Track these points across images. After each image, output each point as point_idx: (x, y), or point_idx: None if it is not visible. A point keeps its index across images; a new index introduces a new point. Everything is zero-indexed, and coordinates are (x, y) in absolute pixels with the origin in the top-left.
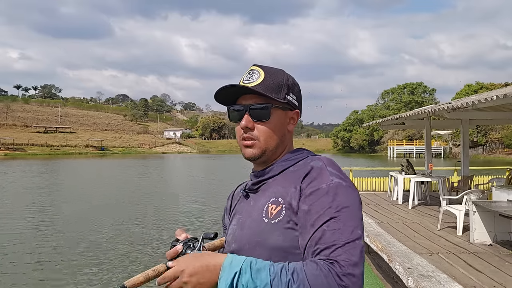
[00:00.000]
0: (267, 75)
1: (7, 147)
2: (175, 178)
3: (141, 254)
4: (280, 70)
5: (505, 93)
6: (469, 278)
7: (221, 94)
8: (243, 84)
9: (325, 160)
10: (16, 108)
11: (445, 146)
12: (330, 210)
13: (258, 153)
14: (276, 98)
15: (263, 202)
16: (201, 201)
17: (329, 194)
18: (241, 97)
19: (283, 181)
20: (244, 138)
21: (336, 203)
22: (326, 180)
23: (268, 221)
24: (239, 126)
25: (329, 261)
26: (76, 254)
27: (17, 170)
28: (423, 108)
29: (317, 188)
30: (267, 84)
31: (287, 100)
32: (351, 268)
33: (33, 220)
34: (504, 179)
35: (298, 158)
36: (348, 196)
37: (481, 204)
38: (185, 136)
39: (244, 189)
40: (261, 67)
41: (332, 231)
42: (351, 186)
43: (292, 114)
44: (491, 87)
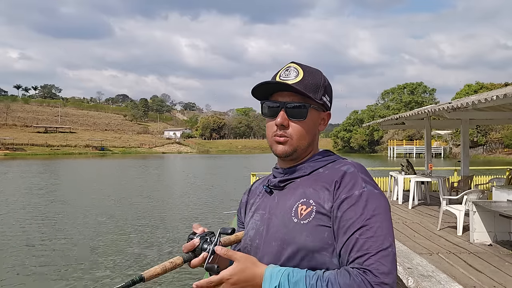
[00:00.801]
0: (306, 74)
1: (7, 147)
2: (175, 178)
3: (145, 254)
4: (317, 71)
5: (505, 93)
6: (469, 278)
7: (258, 90)
8: (281, 80)
9: (357, 166)
10: (16, 108)
11: (445, 146)
12: (362, 217)
13: (289, 151)
14: (314, 97)
15: (292, 202)
16: (201, 201)
17: (361, 201)
18: (277, 93)
19: (314, 183)
20: (277, 134)
21: (368, 211)
22: (359, 187)
23: (297, 221)
24: (273, 122)
25: (362, 270)
26: (77, 255)
27: (20, 170)
28: (423, 108)
29: (350, 195)
30: (306, 83)
31: (322, 101)
32: (384, 277)
33: (32, 221)
34: (504, 179)
35: (328, 160)
36: (380, 203)
37: (481, 204)
38: (185, 136)
39: (267, 185)
40: (300, 65)
41: (365, 239)
42: (382, 193)
43: (325, 115)
44: (491, 87)
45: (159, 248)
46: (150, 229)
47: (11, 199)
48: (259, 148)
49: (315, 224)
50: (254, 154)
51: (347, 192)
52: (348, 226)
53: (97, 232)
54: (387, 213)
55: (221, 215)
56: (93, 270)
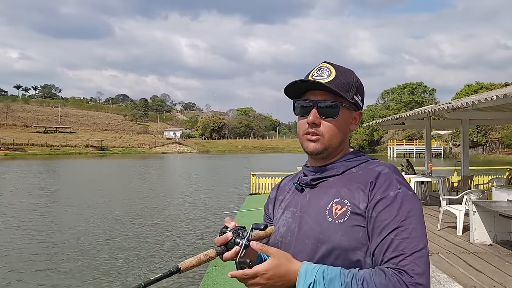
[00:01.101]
0: (338, 74)
1: (7, 147)
2: (175, 178)
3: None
4: (350, 70)
5: (505, 93)
6: (469, 278)
7: (290, 88)
8: (313, 79)
9: (391, 167)
10: (16, 108)
11: (445, 146)
12: (397, 218)
13: (320, 149)
14: (346, 96)
15: (326, 201)
16: (202, 201)
17: (396, 202)
18: (310, 92)
19: (348, 183)
20: (309, 132)
21: (403, 212)
22: (394, 188)
23: (332, 221)
24: (304, 120)
25: (397, 270)
26: (78, 256)
27: (19, 170)
28: (423, 108)
29: (385, 196)
30: (338, 82)
31: (354, 101)
32: (419, 278)
33: (33, 223)
34: (504, 179)
35: (360, 160)
36: (414, 205)
37: (481, 204)
38: (185, 136)
39: (298, 183)
40: (332, 65)
41: (400, 240)
42: (416, 196)
43: (356, 114)
44: (491, 87)
45: (159, 248)
46: (150, 229)
47: (11, 198)
48: (259, 148)
49: (350, 224)
50: (254, 154)
51: (382, 193)
52: (383, 226)
53: (98, 232)
54: (421, 216)
55: (221, 215)
56: (91, 271)
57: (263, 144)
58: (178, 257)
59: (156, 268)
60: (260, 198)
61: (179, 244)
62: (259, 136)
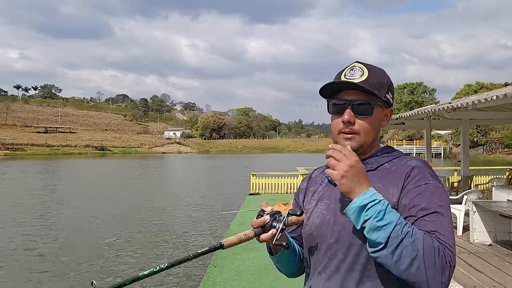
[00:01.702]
0: (371, 73)
1: (7, 147)
2: (175, 178)
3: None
4: (381, 70)
5: (505, 93)
6: (469, 278)
7: (325, 88)
8: (346, 79)
9: (424, 162)
10: (16, 108)
11: (445, 146)
12: (430, 205)
13: (356, 146)
14: (379, 95)
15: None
16: (202, 200)
17: (428, 191)
18: (343, 92)
19: (382, 178)
20: (345, 131)
21: (435, 200)
22: (427, 179)
23: None
24: (339, 119)
25: (440, 241)
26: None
27: (19, 170)
28: (423, 108)
29: (418, 185)
30: (371, 82)
31: (386, 99)
32: (454, 256)
33: (34, 224)
34: (504, 179)
35: (393, 155)
36: (444, 197)
37: (481, 204)
38: (185, 136)
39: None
40: (364, 64)
41: (438, 223)
42: (445, 190)
43: (387, 111)
44: (491, 87)
45: (159, 248)
46: (149, 228)
47: (13, 198)
48: (259, 148)
49: None
50: (254, 154)
51: (414, 183)
52: (417, 210)
53: (97, 232)
54: (449, 209)
55: (221, 214)
56: (90, 273)
57: (263, 144)
58: (177, 256)
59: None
60: (260, 198)
61: (179, 245)
62: (259, 136)
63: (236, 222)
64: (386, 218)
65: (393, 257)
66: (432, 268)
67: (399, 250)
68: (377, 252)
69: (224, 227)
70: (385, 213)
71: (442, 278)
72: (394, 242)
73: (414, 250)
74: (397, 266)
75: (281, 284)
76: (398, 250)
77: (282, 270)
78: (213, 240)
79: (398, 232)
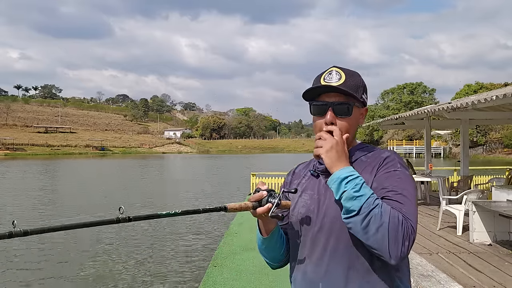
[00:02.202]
0: (347, 77)
1: (7, 147)
2: (175, 178)
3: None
4: (356, 73)
5: (505, 93)
6: (469, 278)
7: (307, 91)
8: (326, 83)
9: (396, 154)
10: (17, 108)
11: (444, 146)
12: (398, 187)
13: None
14: (356, 96)
15: None
16: (202, 200)
17: (397, 176)
18: (324, 94)
19: (357, 168)
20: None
21: (403, 185)
22: (396, 167)
23: None
24: (321, 120)
25: (404, 216)
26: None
27: (20, 170)
28: (423, 108)
29: (388, 171)
30: (349, 84)
31: (362, 99)
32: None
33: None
34: (503, 179)
35: (368, 150)
36: (412, 184)
37: (480, 204)
38: (185, 136)
39: (314, 170)
40: (341, 68)
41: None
42: (413, 179)
43: (363, 110)
44: (491, 87)
45: (158, 247)
46: (148, 228)
47: (14, 199)
48: (259, 148)
49: None
50: (254, 154)
51: (384, 170)
52: (386, 191)
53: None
54: (414, 195)
55: (221, 214)
56: (89, 270)
57: (263, 144)
58: (177, 257)
59: (155, 269)
60: None
61: (178, 245)
62: (259, 136)
63: (236, 222)
64: (362, 191)
65: (362, 223)
66: (394, 238)
67: (368, 218)
68: (349, 218)
69: (224, 227)
70: (361, 187)
71: (402, 247)
72: (365, 211)
73: (381, 220)
74: (364, 232)
75: (281, 284)
76: (368, 218)
77: (269, 257)
78: (213, 240)
79: (370, 203)
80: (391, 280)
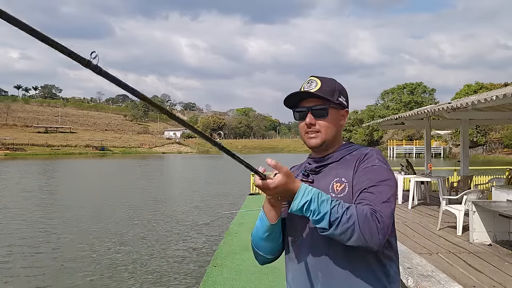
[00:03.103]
0: (323, 83)
1: (7, 147)
2: (175, 178)
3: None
4: (332, 79)
5: (505, 93)
6: (469, 278)
7: (288, 100)
8: (305, 90)
9: (375, 150)
10: (17, 108)
11: (444, 146)
12: (374, 179)
13: (319, 142)
14: (332, 100)
15: (328, 181)
16: (201, 200)
17: (374, 169)
18: (304, 101)
19: (343, 165)
20: (308, 131)
21: (379, 177)
22: (373, 162)
23: (335, 195)
24: (304, 123)
25: (372, 209)
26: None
27: (20, 170)
28: (422, 108)
29: (366, 166)
30: (324, 90)
31: (339, 102)
32: (385, 218)
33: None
34: (503, 179)
35: (353, 148)
36: (388, 175)
37: (480, 204)
38: (185, 136)
39: (305, 170)
40: (317, 77)
41: (376, 193)
42: (391, 170)
43: (343, 112)
44: (491, 87)
45: (158, 247)
46: (149, 228)
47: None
48: (259, 148)
49: (349, 196)
50: (254, 154)
51: (363, 165)
52: (363, 185)
53: (97, 232)
54: (392, 182)
55: (221, 214)
56: (87, 268)
57: (263, 144)
58: (177, 256)
59: (156, 269)
60: (260, 198)
61: (178, 244)
62: (259, 136)
63: (236, 222)
64: (321, 211)
65: (336, 233)
66: (368, 233)
67: (340, 228)
68: (323, 232)
69: (224, 227)
70: (319, 207)
71: (379, 236)
72: (334, 223)
73: (351, 224)
74: (342, 239)
75: (281, 284)
76: (339, 227)
77: (269, 247)
78: (213, 240)
79: (335, 215)
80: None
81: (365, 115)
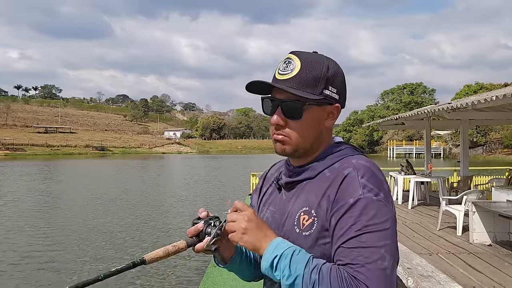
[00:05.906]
0: (303, 66)
1: (7, 147)
2: (175, 178)
3: None
4: (319, 59)
5: (505, 94)
6: (469, 278)
7: (252, 86)
8: (279, 74)
9: (360, 168)
10: (16, 108)
11: (444, 146)
12: (354, 227)
13: (289, 150)
14: (312, 93)
15: (296, 208)
16: (201, 200)
17: (354, 210)
18: (275, 89)
19: (316, 189)
20: (275, 132)
21: (361, 221)
22: (355, 194)
23: (299, 232)
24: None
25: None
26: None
27: (21, 170)
28: (422, 108)
29: (344, 203)
30: (302, 77)
31: (324, 96)
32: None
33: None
34: (503, 179)
35: (336, 158)
36: (377, 213)
37: (480, 204)
38: (185, 136)
39: (276, 181)
40: (299, 55)
41: (362, 247)
42: (383, 200)
43: (331, 108)
44: (491, 87)
45: (158, 247)
46: (149, 228)
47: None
48: (259, 149)
49: (315, 237)
50: (254, 154)
51: (342, 200)
52: (339, 236)
53: (97, 232)
54: (384, 224)
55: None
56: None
57: (263, 144)
58: (177, 256)
59: (155, 269)
60: None
61: None
62: (259, 136)
63: None
64: (293, 272)
65: None
66: None
67: None
68: None
69: None
70: (290, 267)
71: None
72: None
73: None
74: None
75: None
76: None
77: (242, 276)
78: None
79: (307, 283)
80: None
81: (365, 115)
